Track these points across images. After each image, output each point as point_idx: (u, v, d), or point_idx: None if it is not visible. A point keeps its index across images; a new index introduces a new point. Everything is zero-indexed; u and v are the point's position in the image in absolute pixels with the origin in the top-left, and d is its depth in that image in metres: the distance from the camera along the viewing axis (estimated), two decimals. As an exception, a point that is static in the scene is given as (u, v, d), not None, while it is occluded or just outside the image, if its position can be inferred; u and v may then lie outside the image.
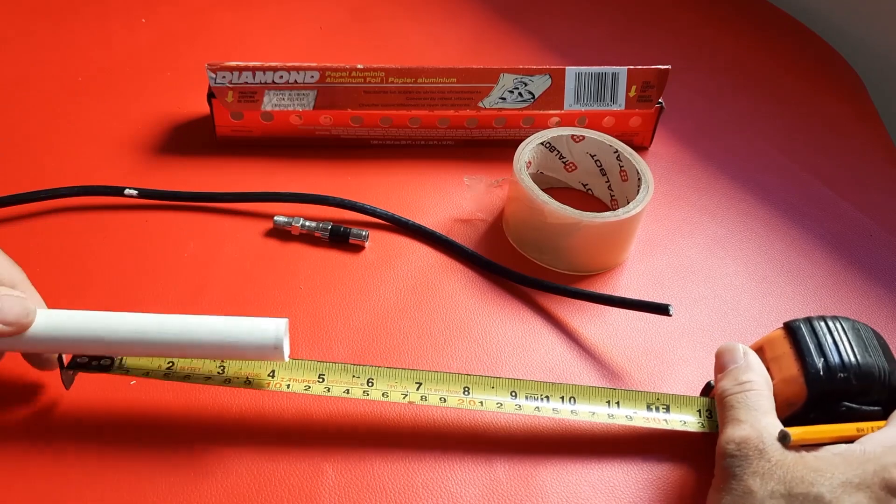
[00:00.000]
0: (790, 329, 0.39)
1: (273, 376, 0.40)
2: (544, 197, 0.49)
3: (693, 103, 0.67)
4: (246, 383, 0.39)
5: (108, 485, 0.38)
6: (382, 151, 0.59)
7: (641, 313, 0.47)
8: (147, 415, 0.41)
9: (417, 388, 0.40)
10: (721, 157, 0.62)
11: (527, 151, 0.52)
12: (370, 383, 0.40)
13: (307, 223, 0.51)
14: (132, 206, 0.52)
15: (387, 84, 0.56)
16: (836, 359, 0.37)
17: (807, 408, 0.37)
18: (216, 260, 0.50)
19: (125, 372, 0.39)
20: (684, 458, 0.41)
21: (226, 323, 0.37)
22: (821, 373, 0.37)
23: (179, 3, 0.72)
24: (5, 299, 0.36)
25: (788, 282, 0.52)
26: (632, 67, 0.57)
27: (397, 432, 0.41)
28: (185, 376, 0.39)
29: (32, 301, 0.38)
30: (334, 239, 0.51)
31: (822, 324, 0.39)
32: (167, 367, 0.39)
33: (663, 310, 0.45)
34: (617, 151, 0.53)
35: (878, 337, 0.39)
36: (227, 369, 0.40)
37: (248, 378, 0.39)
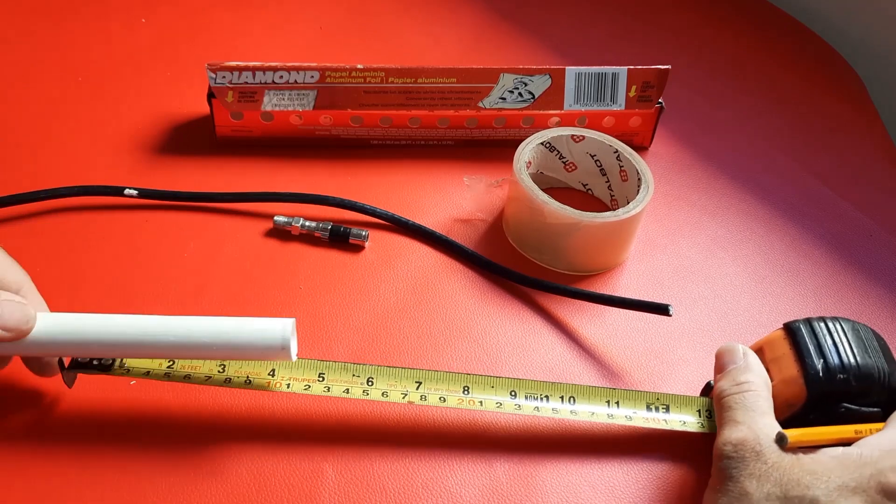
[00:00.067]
0: (790, 330, 0.39)
1: (273, 375, 0.40)
2: (544, 197, 0.49)
3: (693, 103, 0.67)
4: (246, 383, 0.39)
5: (108, 485, 0.38)
6: (382, 151, 0.59)
7: (641, 313, 0.47)
8: (147, 415, 0.41)
9: (417, 388, 0.40)
10: (721, 157, 0.62)
11: (527, 151, 0.52)
12: (370, 382, 0.40)
13: (307, 223, 0.51)
14: (132, 206, 0.52)
15: (387, 84, 0.56)
16: (836, 360, 0.37)
17: (806, 409, 0.37)
18: (216, 260, 0.50)
19: (126, 372, 0.39)
20: (684, 458, 0.41)
21: (231, 324, 0.37)
22: (820, 374, 0.37)
23: (179, 3, 0.72)
24: (5, 304, 0.36)
25: (788, 282, 0.52)
26: (632, 67, 0.57)
27: (397, 432, 0.41)
28: (185, 376, 0.39)
29: (35, 305, 0.38)
30: (334, 239, 0.51)
31: (822, 325, 0.39)
32: (168, 367, 0.39)
33: (663, 310, 0.45)
34: (617, 151, 0.53)
35: (878, 338, 0.39)
36: (228, 369, 0.40)
37: (248, 377, 0.39)
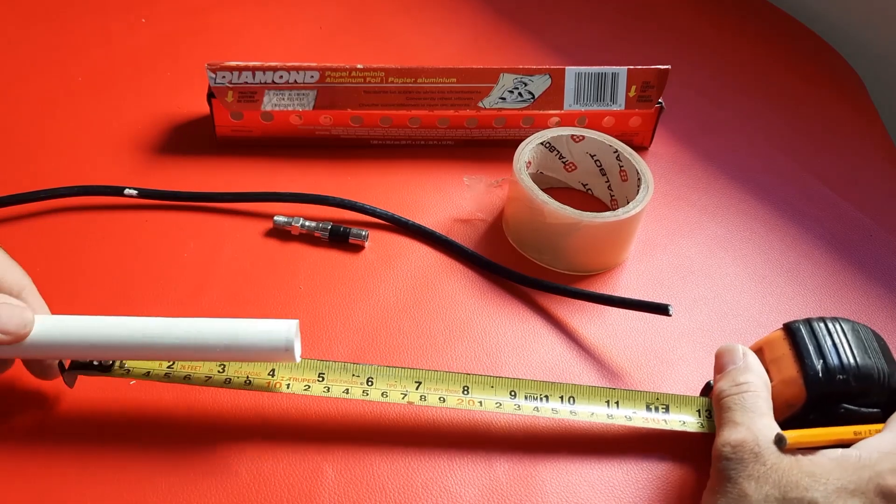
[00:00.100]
0: (790, 330, 0.39)
1: (273, 375, 0.40)
2: (544, 197, 0.49)
3: (693, 103, 0.67)
4: (246, 383, 0.39)
5: (108, 485, 0.38)
6: (382, 151, 0.59)
7: (641, 313, 0.47)
8: (147, 415, 0.41)
9: (417, 388, 0.40)
10: (721, 157, 0.62)
11: (527, 151, 0.52)
12: (370, 382, 0.40)
13: (307, 223, 0.51)
14: (132, 206, 0.52)
15: (387, 84, 0.56)
16: (836, 360, 0.37)
17: (806, 409, 0.37)
18: (216, 260, 0.50)
19: (126, 373, 0.39)
20: (684, 458, 0.41)
21: (235, 325, 0.37)
22: (820, 374, 0.37)
23: (179, 3, 0.72)
24: (4, 308, 0.35)
25: (788, 282, 0.52)
26: (632, 67, 0.57)
27: (397, 432, 0.41)
28: (185, 377, 0.39)
29: (36, 307, 0.38)
30: (334, 239, 0.51)
31: (822, 325, 0.39)
32: (168, 368, 0.39)
33: (663, 310, 0.45)
34: (617, 151, 0.53)
35: (878, 338, 0.39)
36: (227, 369, 0.40)
37: (248, 378, 0.39)
